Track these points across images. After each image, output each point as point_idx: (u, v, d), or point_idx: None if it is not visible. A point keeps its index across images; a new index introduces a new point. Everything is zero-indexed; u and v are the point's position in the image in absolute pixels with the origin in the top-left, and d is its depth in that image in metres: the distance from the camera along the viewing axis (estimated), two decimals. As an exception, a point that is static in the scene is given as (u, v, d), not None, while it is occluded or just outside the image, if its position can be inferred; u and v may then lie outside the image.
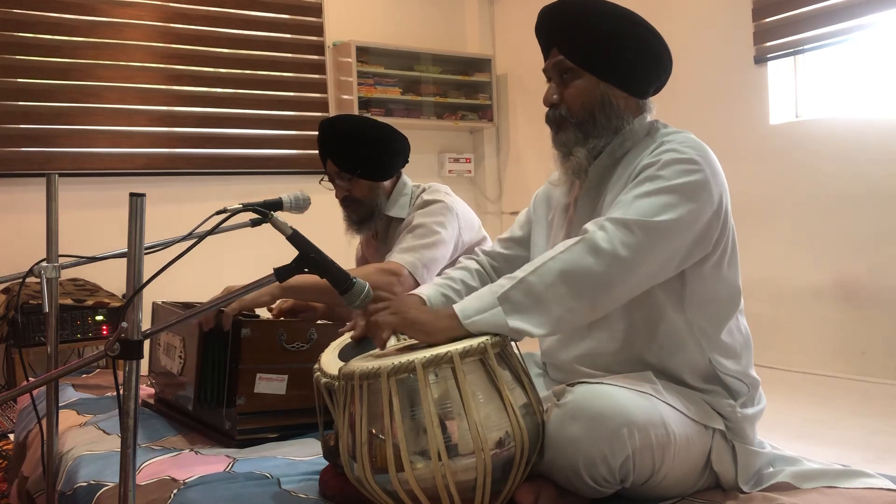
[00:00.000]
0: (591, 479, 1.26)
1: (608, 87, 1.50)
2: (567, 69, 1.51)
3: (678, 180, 1.37)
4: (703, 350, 1.45)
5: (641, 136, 1.52)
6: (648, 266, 1.35)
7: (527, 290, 1.31)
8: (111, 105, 4.35)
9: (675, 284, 1.44)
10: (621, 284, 1.33)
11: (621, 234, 1.32)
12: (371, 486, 1.21)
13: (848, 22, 3.53)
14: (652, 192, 1.37)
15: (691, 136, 1.48)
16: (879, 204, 3.43)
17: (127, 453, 1.14)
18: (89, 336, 3.61)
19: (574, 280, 1.31)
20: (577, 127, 1.51)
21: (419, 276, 2.08)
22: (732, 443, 1.44)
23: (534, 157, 5.39)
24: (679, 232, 1.36)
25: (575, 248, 1.33)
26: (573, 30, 1.51)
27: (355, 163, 2.19)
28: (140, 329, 1.15)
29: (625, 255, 1.31)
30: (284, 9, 4.92)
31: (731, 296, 1.49)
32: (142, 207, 1.16)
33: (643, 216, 1.34)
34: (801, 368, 3.72)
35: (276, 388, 1.80)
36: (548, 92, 1.55)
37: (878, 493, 1.39)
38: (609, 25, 1.48)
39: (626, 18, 1.50)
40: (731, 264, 1.49)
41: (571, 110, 1.51)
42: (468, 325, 1.30)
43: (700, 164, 1.40)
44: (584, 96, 1.50)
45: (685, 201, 1.36)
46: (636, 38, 1.49)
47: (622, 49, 1.48)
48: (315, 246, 1.34)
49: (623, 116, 1.51)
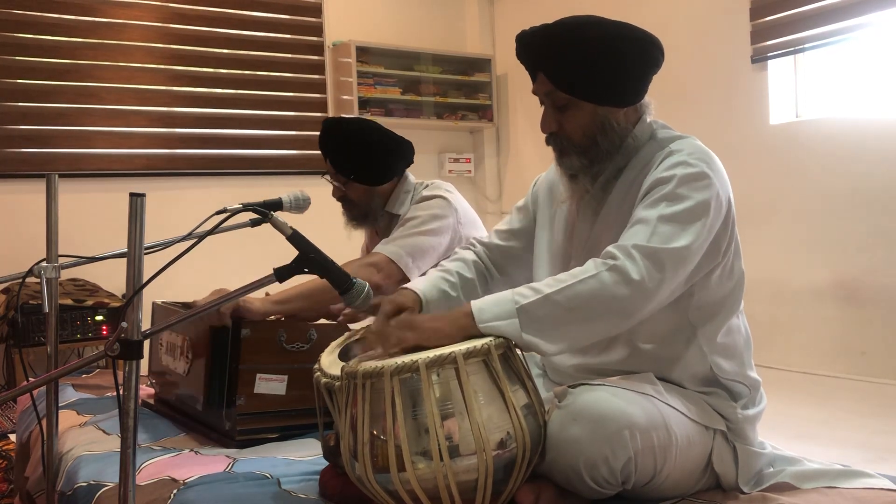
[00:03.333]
0: (593, 480, 1.26)
1: (606, 109, 1.46)
2: (560, 99, 1.47)
3: (695, 200, 1.36)
4: (705, 356, 1.45)
5: (644, 141, 1.50)
6: (669, 291, 1.35)
7: (548, 309, 1.30)
8: (111, 106, 4.35)
9: (682, 298, 1.43)
10: (642, 312, 1.33)
11: (651, 264, 1.31)
12: (372, 486, 1.21)
13: (848, 21, 3.53)
14: (673, 217, 1.35)
15: (697, 142, 1.47)
16: (879, 204, 3.43)
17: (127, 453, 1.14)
18: (89, 336, 3.60)
19: (598, 307, 1.31)
20: (580, 154, 1.48)
21: (403, 264, 2.07)
22: (733, 443, 1.44)
23: (534, 157, 5.39)
24: (699, 251, 1.36)
25: (605, 275, 1.31)
26: (559, 59, 1.45)
27: (349, 168, 2.19)
28: (140, 329, 1.15)
29: (651, 286, 1.31)
30: (284, 9, 4.92)
31: (734, 298, 1.49)
32: (142, 207, 1.16)
33: (668, 244, 1.33)
34: (801, 368, 3.72)
35: (276, 388, 1.80)
36: (544, 119, 1.50)
37: (878, 493, 1.39)
38: (595, 49, 1.42)
39: (611, 35, 1.44)
40: (735, 268, 1.48)
41: (573, 139, 1.48)
42: (482, 328, 1.30)
43: (711, 176, 1.39)
44: (584, 125, 1.46)
45: (700, 220, 1.36)
46: (626, 53, 1.43)
47: (614, 71, 1.43)
48: (315, 246, 1.34)
49: (624, 132, 1.48)
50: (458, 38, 5.66)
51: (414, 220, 2.16)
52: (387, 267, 2.05)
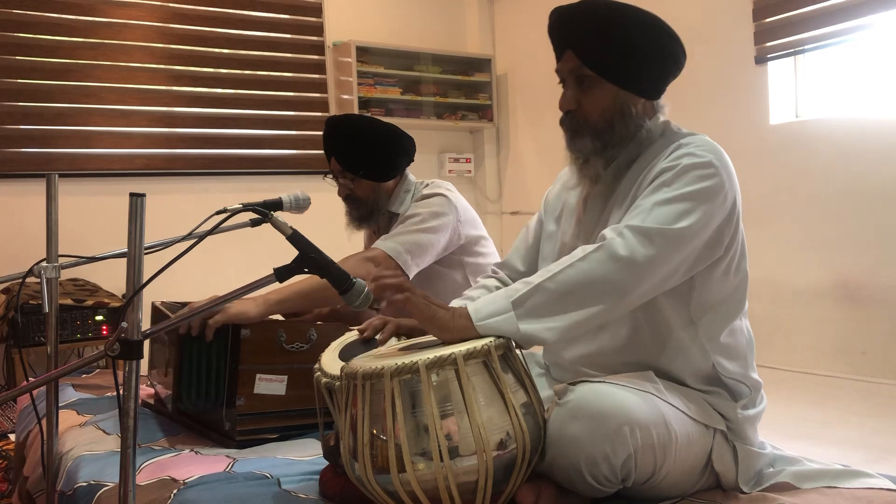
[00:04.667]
0: (593, 478, 1.26)
1: (627, 94, 1.47)
2: (585, 76, 1.47)
3: (695, 186, 1.37)
4: (707, 353, 1.45)
5: (656, 138, 1.51)
6: (663, 272, 1.35)
7: (541, 297, 1.31)
8: (111, 105, 4.35)
9: (683, 289, 1.43)
10: (636, 291, 1.33)
11: (639, 241, 1.32)
12: (372, 486, 1.21)
13: (848, 22, 3.53)
14: (670, 200, 1.36)
15: (707, 138, 1.47)
16: (880, 204, 3.43)
17: (127, 453, 1.14)
18: (89, 336, 3.60)
19: (590, 288, 1.31)
20: (594, 136, 1.48)
21: (402, 260, 2.07)
22: (733, 443, 1.44)
23: (534, 157, 5.39)
24: (695, 236, 1.36)
25: (593, 255, 1.32)
26: (591, 36, 1.46)
27: (359, 163, 2.20)
28: (140, 329, 1.15)
29: (642, 262, 1.31)
30: (284, 9, 4.92)
31: (737, 299, 1.48)
32: (142, 207, 1.16)
33: (661, 224, 1.33)
34: (801, 368, 3.72)
35: (276, 388, 1.80)
36: (563, 97, 1.50)
37: (878, 493, 1.39)
38: (629, 32, 1.44)
39: (645, 22, 1.46)
40: (740, 268, 1.48)
41: (589, 119, 1.48)
42: (480, 328, 1.30)
43: (717, 167, 1.40)
44: (604, 105, 1.47)
45: (701, 206, 1.36)
46: (656, 43, 1.46)
47: (643, 57, 1.45)
48: (315, 246, 1.34)
49: (640, 122, 1.49)
50: (458, 38, 5.65)
51: (414, 217, 2.16)
52: (384, 262, 2.05)
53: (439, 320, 1.33)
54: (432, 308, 1.34)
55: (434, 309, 1.34)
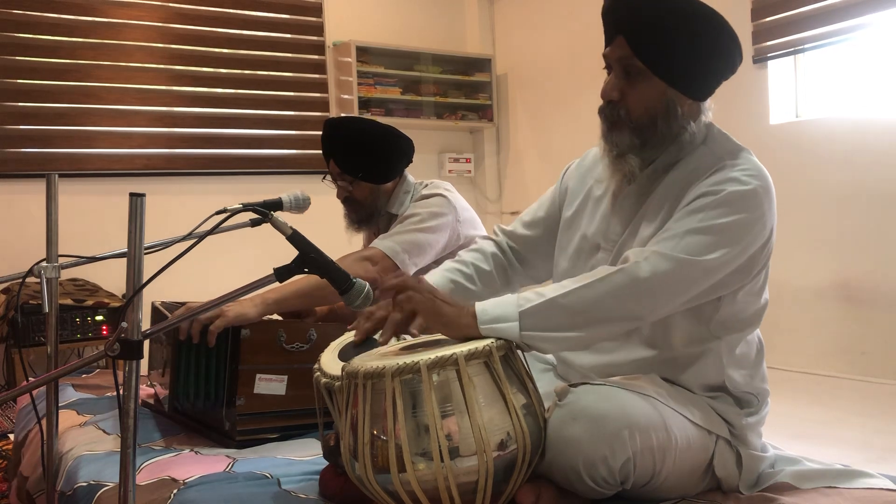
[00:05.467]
0: (591, 479, 1.26)
1: (675, 93, 1.38)
2: (634, 67, 1.37)
3: (734, 217, 1.31)
4: (722, 368, 1.43)
5: (698, 143, 1.43)
6: (683, 300, 1.32)
7: (551, 312, 1.29)
8: (111, 105, 4.35)
9: (707, 308, 1.39)
10: (650, 318, 1.32)
11: (665, 270, 1.27)
12: (372, 486, 1.21)
13: (848, 22, 3.53)
14: (705, 230, 1.30)
15: (754, 159, 1.40)
16: (879, 204, 3.43)
17: (127, 453, 1.14)
18: (89, 336, 3.61)
19: (604, 311, 1.29)
20: (635, 131, 1.40)
21: (399, 260, 2.07)
22: (737, 448, 1.43)
23: (534, 157, 5.39)
24: (723, 269, 1.32)
25: (613, 279, 1.28)
26: (648, 26, 1.35)
27: (357, 166, 2.19)
28: (140, 329, 1.15)
29: (662, 291, 1.28)
30: (284, 9, 4.92)
31: (758, 315, 1.46)
32: (142, 207, 1.16)
33: (691, 254, 1.28)
34: (801, 368, 3.72)
35: (276, 388, 1.79)
36: (608, 85, 1.41)
37: (879, 493, 1.39)
38: (689, 27, 1.35)
39: (708, 17, 1.37)
40: (763, 286, 1.46)
41: (632, 113, 1.39)
42: (484, 331, 1.29)
43: (760, 197, 1.34)
44: (649, 102, 1.38)
45: (737, 240, 1.31)
46: (716, 42, 1.37)
47: (699, 56, 1.36)
48: (315, 246, 1.34)
49: (684, 123, 1.40)
50: (458, 38, 5.66)
51: (413, 217, 2.16)
52: (382, 261, 2.05)
53: (444, 316, 1.31)
54: (437, 303, 1.32)
55: (439, 304, 1.32)
